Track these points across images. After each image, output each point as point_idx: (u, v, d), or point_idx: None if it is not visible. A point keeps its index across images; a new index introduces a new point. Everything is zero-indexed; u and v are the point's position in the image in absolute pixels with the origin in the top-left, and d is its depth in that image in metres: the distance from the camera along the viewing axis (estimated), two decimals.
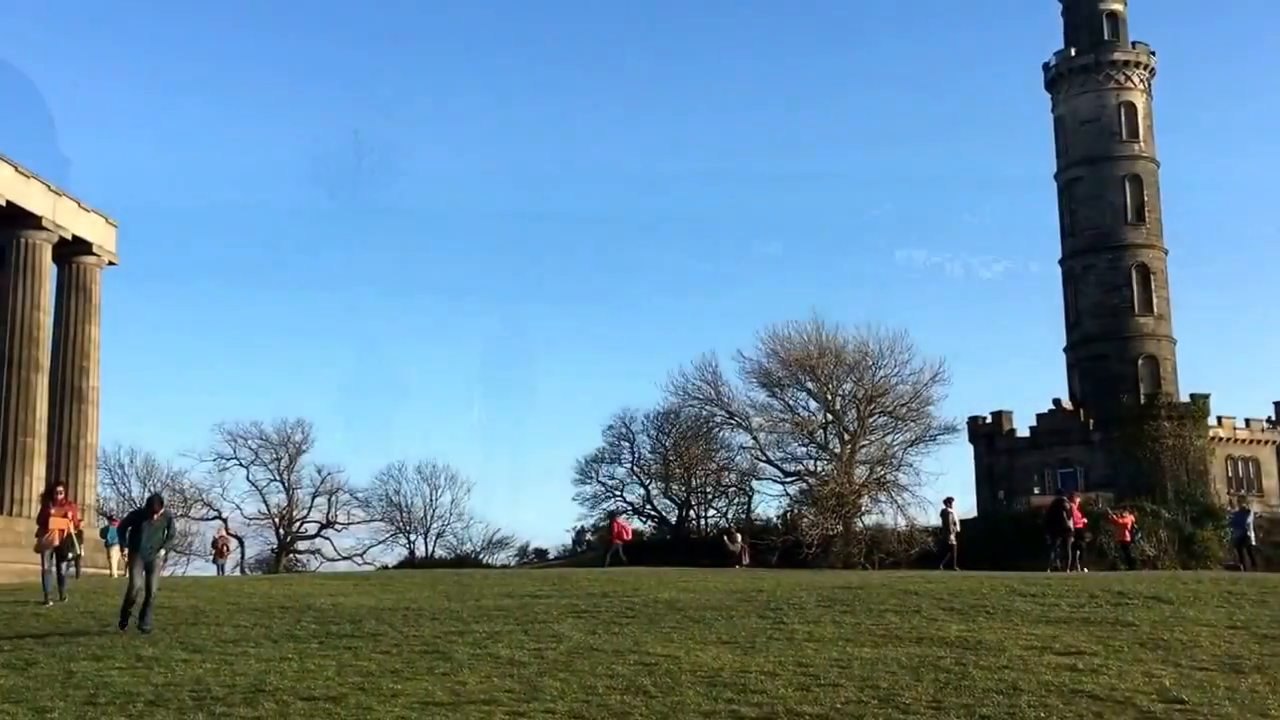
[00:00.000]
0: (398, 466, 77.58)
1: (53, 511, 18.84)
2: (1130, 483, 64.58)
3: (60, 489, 20.09)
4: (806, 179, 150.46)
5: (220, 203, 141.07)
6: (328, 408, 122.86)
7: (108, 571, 30.72)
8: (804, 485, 60.80)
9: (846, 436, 59.15)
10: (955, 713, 9.17)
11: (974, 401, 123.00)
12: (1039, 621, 14.05)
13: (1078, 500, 30.10)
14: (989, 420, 73.47)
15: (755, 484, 65.91)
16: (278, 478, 71.03)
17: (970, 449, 73.88)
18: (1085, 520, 29.59)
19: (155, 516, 15.49)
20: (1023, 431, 72.48)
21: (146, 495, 18.02)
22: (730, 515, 66.74)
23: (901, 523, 57.51)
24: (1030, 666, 10.96)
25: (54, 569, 18.52)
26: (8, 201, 39.13)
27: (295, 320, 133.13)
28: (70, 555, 19.53)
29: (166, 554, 16.64)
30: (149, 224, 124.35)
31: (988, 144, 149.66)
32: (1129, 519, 34.21)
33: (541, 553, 76.59)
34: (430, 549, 74.65)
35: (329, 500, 71.98)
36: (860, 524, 58.18)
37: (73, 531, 19.34)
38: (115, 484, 69.00)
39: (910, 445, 59.63)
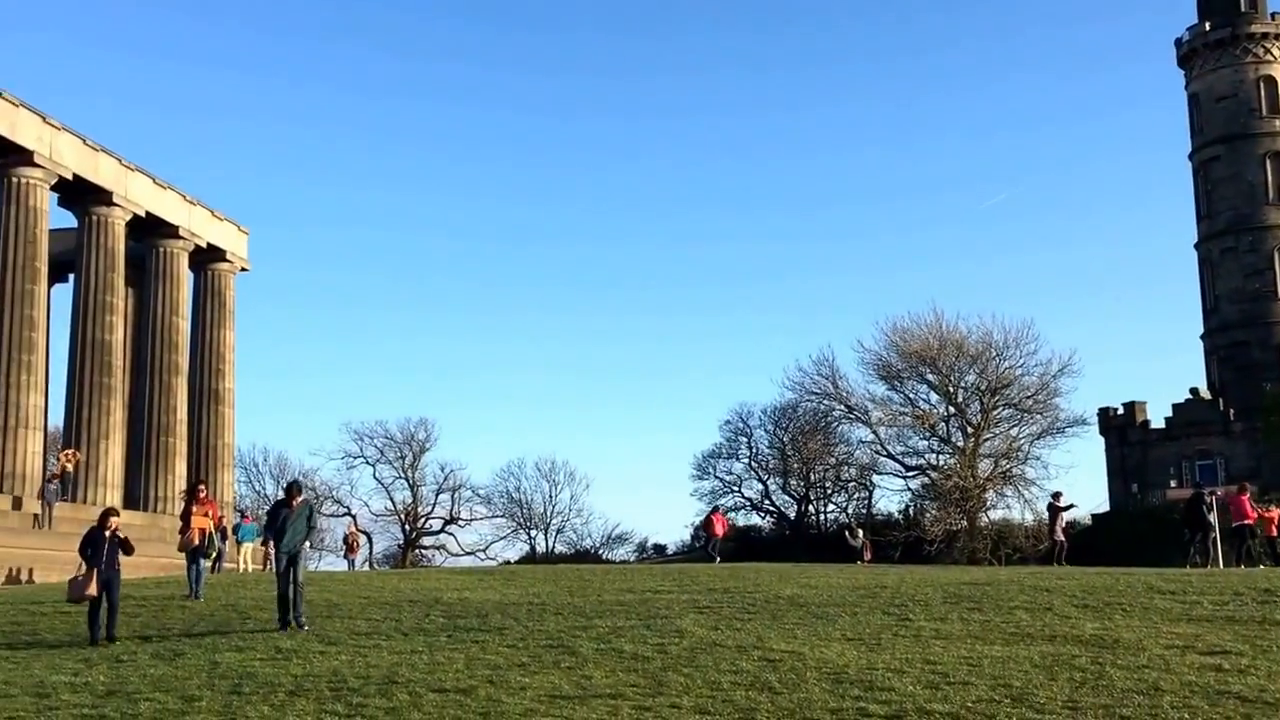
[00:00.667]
0: (517, 463, 78.81)
1: (195, 510, 19.46)
2: (1275, 474, 61.78)
3: (202, 487, 20.79)
4: (923, 166, 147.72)
5: (345, 203, 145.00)
6: (450, 405, 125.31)
7: (238, 567, 31.72)
8: (926, 479, 59.73)
9: (970, 429, 57.89)
10: (1092, 713, 8.91)
11: (1105, 392, 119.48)
12: (1180, 620, 13.56)
13: (1248, 493, 28.67)
14: (1121, 411, 71.11)
15: (875, 478, 65.09)
16: (402, 475, 72.80)
17: (1101, 441, 71.68)
18: (1255, 515, 28.25)
19: (295, 503, 15.36)
20: (1157, 423, 70.00)
21: (285, 483, 18.08)
22: (850, 510, 66.07)
23: (1029, 518, 56.11)
24: (1172, 666, 10.58)
25: (196, 565, 19.14)
26: (147, 212, 40.92)
27: (418, 319, 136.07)
28: (211, 552, 20.18)
29: (311, 547, 16.42)
30: (275, 227, 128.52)
31: (1117, 124, 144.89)
32: (1276, 513, 32.71)
33: (660, 548, 76.89)
34: (550, 544, 75.63)
35: (452, 497, 73.48)
36: (985, 519, 56.95)
37: (213, 529, 19.99)
38: (250, 482, 71.62)
39: (1037, 438, 58.11)
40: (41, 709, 10.45)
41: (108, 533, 15.17)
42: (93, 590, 14.73)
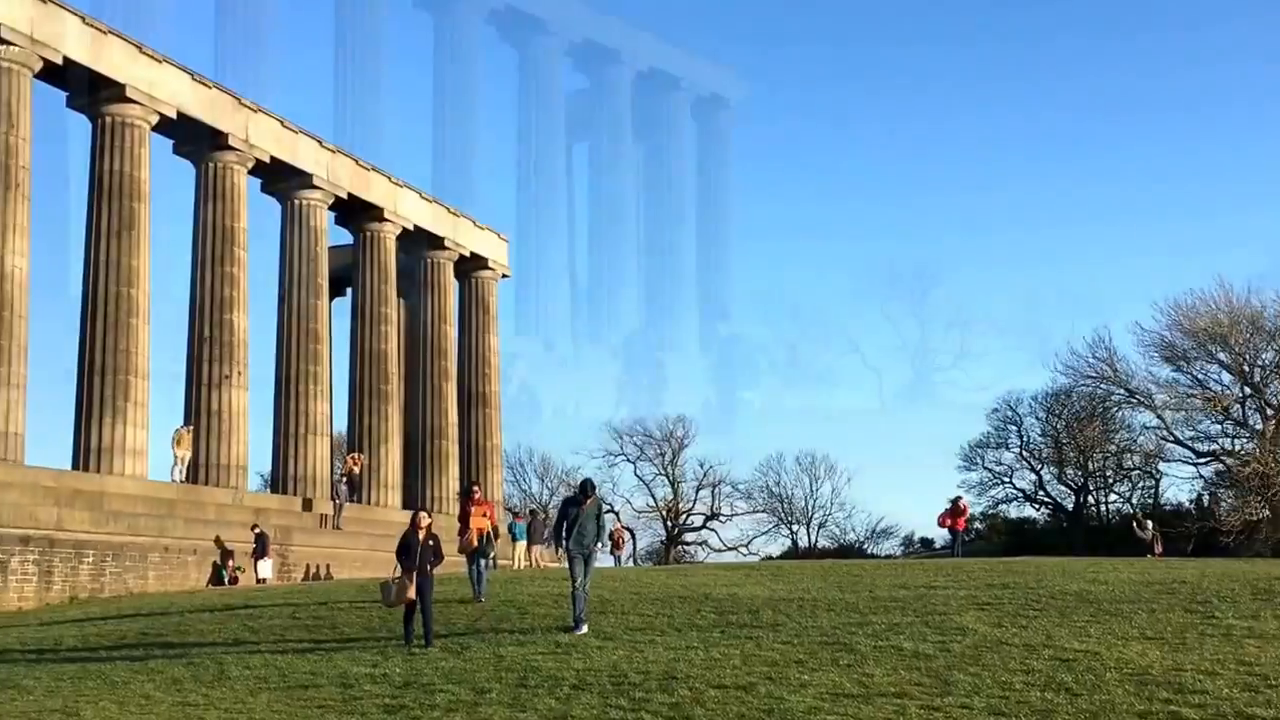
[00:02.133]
0: (776, 457, 78.41)
1: (472, 510, 19.96)
2: None
3: (477, 488, 21.31)
4: (1212, 124, 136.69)
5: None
6: (703, 402, 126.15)
7: (512, 564, 32.91)
8: (1220, 466, 55.35)
9: (1270, 411, 53.21)
10: None
11: None
12: None
13: None
14: None
15: (1162, 466, 60.80)
16: (663, 472, 73.88)
17: None
18: None
19: (587, 503, 15.19)
20: None
21: (579, 479, 18.02)
22: (1134, 500, 62.14)
23: None
24: None
25: (477, 565, 19.69)
26: (415, 226, 43.28)
27: (658, 319, 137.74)
28: (490, 551, 20.75)
29: (600, 547, 15.83)
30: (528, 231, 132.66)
31: None
32: None
33: (927, 542, 74.79)
34: (813, 539, 74.97)
35: (712, 493, 73.97)
36: None
37: (490, 529, 20.55)
38: (516, 481, 74.42)
39: None
40: (347, 698, 11.11)
41: (421, 534, 15.21)
42: (410, 595, 14.81)
